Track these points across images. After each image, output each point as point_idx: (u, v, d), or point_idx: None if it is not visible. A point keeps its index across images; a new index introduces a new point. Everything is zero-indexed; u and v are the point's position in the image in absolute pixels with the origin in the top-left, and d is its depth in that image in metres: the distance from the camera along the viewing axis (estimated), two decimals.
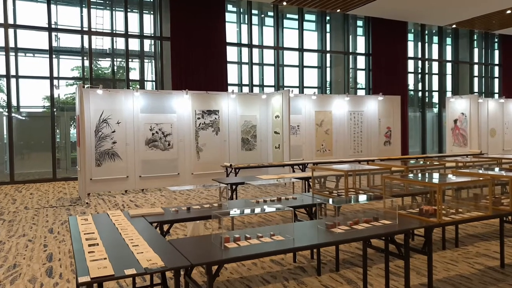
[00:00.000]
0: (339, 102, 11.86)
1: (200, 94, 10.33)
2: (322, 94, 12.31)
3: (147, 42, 13.39)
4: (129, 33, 12.41)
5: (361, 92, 15.86)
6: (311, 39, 15.28)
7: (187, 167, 10.17)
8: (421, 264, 4.42)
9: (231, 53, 13.67)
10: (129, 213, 3.74)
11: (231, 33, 13.64)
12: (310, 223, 3.37)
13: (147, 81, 13.45)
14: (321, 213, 4.33)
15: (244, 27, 14.11)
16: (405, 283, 3.24)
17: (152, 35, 13.00)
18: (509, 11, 14.42)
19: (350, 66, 15.66)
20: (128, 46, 12.42)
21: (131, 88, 12.24)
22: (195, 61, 12.28)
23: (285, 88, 13.99)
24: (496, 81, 19.18)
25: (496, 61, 18.99)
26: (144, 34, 12.90)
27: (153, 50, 13.37)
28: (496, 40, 18.87)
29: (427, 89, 17.36)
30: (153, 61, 13.49)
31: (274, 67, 14.30)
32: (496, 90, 19.27)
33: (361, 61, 15.90)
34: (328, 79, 15.41)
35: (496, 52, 19.02)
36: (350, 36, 15.63)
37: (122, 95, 9.54)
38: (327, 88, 15.37)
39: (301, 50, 14.71)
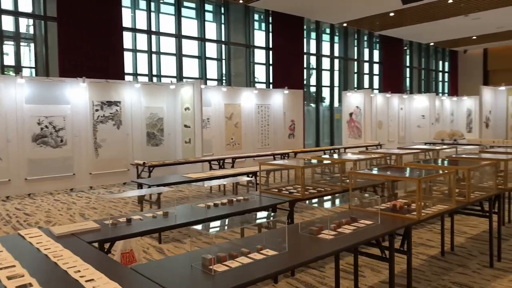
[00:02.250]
0: (248, 95, 11.63)
1: (99, 83, 9.12)
2: (231, 87, 11.92)
3: (23, 22, 11.43)
4: (2, 8, 10.42)
5: (259, 86, 15.88)
6: (210, 30, 14.75)
7: (83, 166, 8.92)
8: (371, 260, 4.30)
9: (125, 40, 12.43)
10: (53, 232, 2.88)
11: (125, 18, 12.39)
12: (288, 229, 2.95)
13: (24, 67, 11.51)
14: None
15: (140, 13, 12.97)
16: (389, 286, 3.02)
17: (32, 13, 11.13)
18: (392, 14, 15.75)
19: (251, 60, 15.57)
20: (2, 26, 10.44)
21: (6, 74, 10.31)
22: (87, 46, 10.85)
23: (184, 80, 13.28)
24: (376, 78, 20.95)
25: (377, 59, 20.74)
26: (21, 11, 10.96)
27: (32, 32, 11.47)
28: (375, 40, 20.59)
29: (320, 84, 18.16)
30: (32, 44, 11.58)
31: (176, 56, 13.47)
32: (376, 86, 21.07)
33: (260, 55, 15.90)
34: (228, 71, 15.08)
35: (376, 52, 20.76)
36: (251, 29, 15.51)
37: (0, 82, 7.89)
38: (224, 81, 15.03)
39: (202, 40, 14.11)
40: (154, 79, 13.15)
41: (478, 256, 4.47)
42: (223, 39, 14.72)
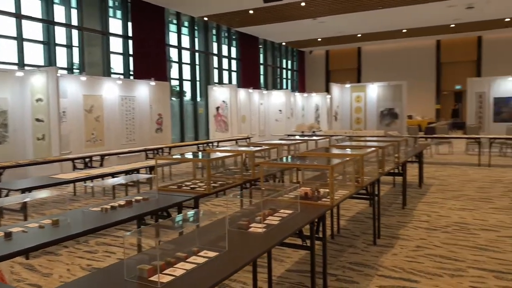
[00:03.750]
0: (110, 86, 10.64)
1: None
2: (91, 76, 10.70)
3: None
4: None
5: (115, 77, 14.78)
6: (58, 13, 13.07)
7: None
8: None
9: None
10: None
11: None
12: (214, 225, 2.71)
13: None
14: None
15: None
16: (311, 276, 3.04)
17: None
18: (251, 12, 16.33)
19: (108, 48, 14.34)
20: None
21: None
22: None
23: (26, 67, 11.50)
24: (235, 73, 21.54)
25: (234, 55, 21.30)
26: None
27: None
28: (233, 36, 21.13)
29: (182, 78, 17.82)
30: None
31: (17, 40, 11.53)
32: (234, 81, 21.67)
33: (117, 44, 14.76)
34: (81, 60, 13.60)
35: (233, 48, 21.32)
36: (107, 16, 14.28)
37: None
38: (77, 70, 13.55)
39: (50, 22, 12.40)
40: None
41: (361, 235, 4.89)
42: (74, 23, 13.20)
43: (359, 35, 21.52)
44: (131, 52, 14.83)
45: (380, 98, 14.22)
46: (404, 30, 20.28)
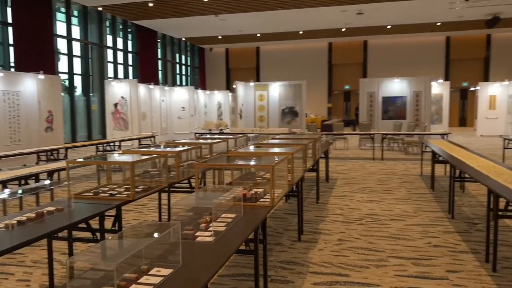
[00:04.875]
0: None
1: None
2: None
3: None
4: None
5: None
6: None
7: None
8: None
9: None
10: None
11: None
12: (154, 237, 2.40)
13: None
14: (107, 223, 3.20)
15: None
16: (255, 280, 2.90)
17: None
18: (151, 4, 15.59)
19: None
20: None
21: None
22: None
23: None
24: (131, 68, 20.40)
25: (130, 49, 20.16)
26: None
27: None
28: (130, 30, 20.00)
29: (72, 71, 16.30)
30: None
31: None
32: (131, 76, 20.55)
33: None
34: None
35: (129, 41, 20.19)
36: None
37: None
38: None
39: None
40: None
41: (285, 232, 4.90)
42: None
43: (258, 35, 21.98)
44: (11, 41, 13.12)
45: (282, 97, 14.67)
46: (300, 32, 21.26)
